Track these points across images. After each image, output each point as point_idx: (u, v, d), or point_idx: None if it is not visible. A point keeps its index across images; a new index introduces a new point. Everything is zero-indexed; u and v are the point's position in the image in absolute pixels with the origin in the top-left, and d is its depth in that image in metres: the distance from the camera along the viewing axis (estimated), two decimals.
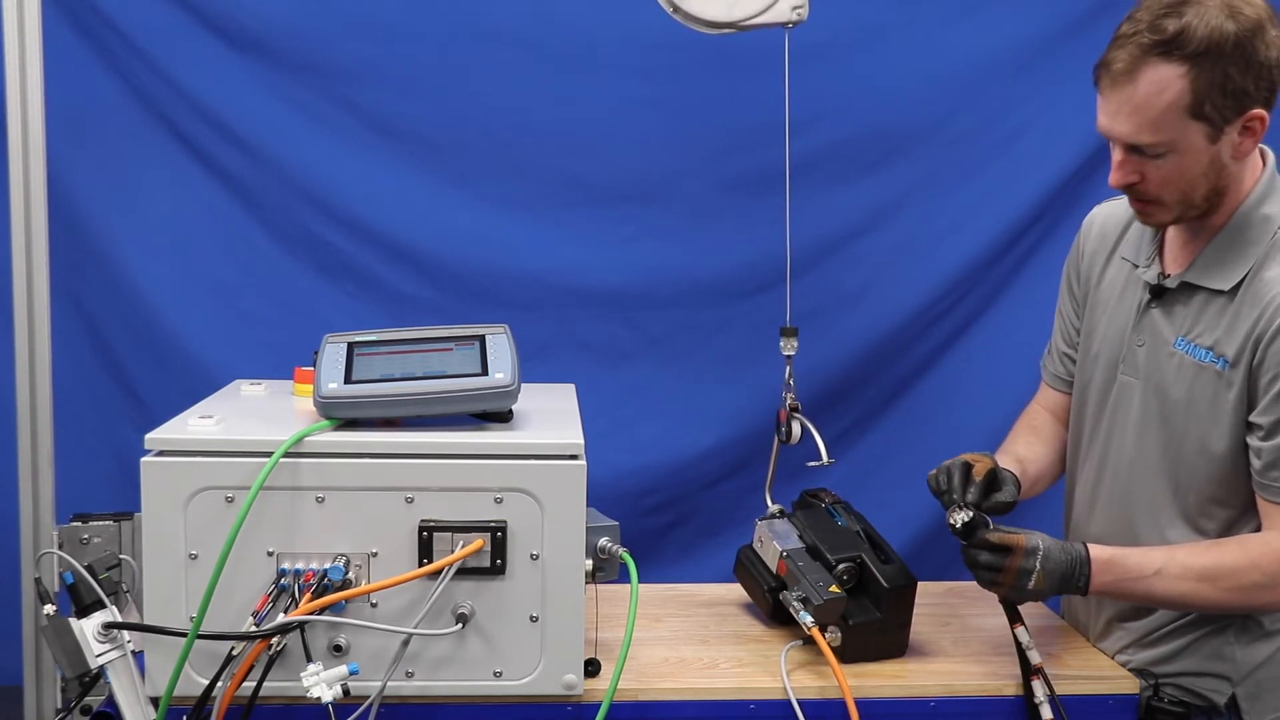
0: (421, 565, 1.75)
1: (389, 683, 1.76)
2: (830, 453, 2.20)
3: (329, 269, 2.80)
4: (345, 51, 2.74)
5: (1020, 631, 1.88)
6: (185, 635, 1.68)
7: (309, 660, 1.69)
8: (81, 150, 2.68)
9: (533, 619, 1.79)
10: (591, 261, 2.84)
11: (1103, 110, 1.80)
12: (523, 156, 2.80)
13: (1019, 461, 2.08)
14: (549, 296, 2.83)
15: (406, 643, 1.76)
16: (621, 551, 1.87)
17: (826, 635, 1.92)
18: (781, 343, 2.27)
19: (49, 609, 1.71)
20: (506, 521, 1.76)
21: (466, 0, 2.75)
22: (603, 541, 1.87)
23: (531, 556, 1.78)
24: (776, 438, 2.27)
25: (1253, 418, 1.80)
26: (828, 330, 2.82)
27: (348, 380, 1.83)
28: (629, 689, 1.86)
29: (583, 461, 1.78)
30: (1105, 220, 2.08)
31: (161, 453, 1.75)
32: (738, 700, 1.88)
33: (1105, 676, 1.96)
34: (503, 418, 1.88)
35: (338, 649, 1.75)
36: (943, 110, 2.85)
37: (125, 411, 2.77)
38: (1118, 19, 1.79)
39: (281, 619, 1.69)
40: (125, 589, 1.86)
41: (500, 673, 1.80)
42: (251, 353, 2.72)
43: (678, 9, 2.20)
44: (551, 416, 1.95)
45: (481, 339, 1.92)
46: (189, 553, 1.74)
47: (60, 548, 1.86)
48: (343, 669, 1.68)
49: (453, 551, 1.74)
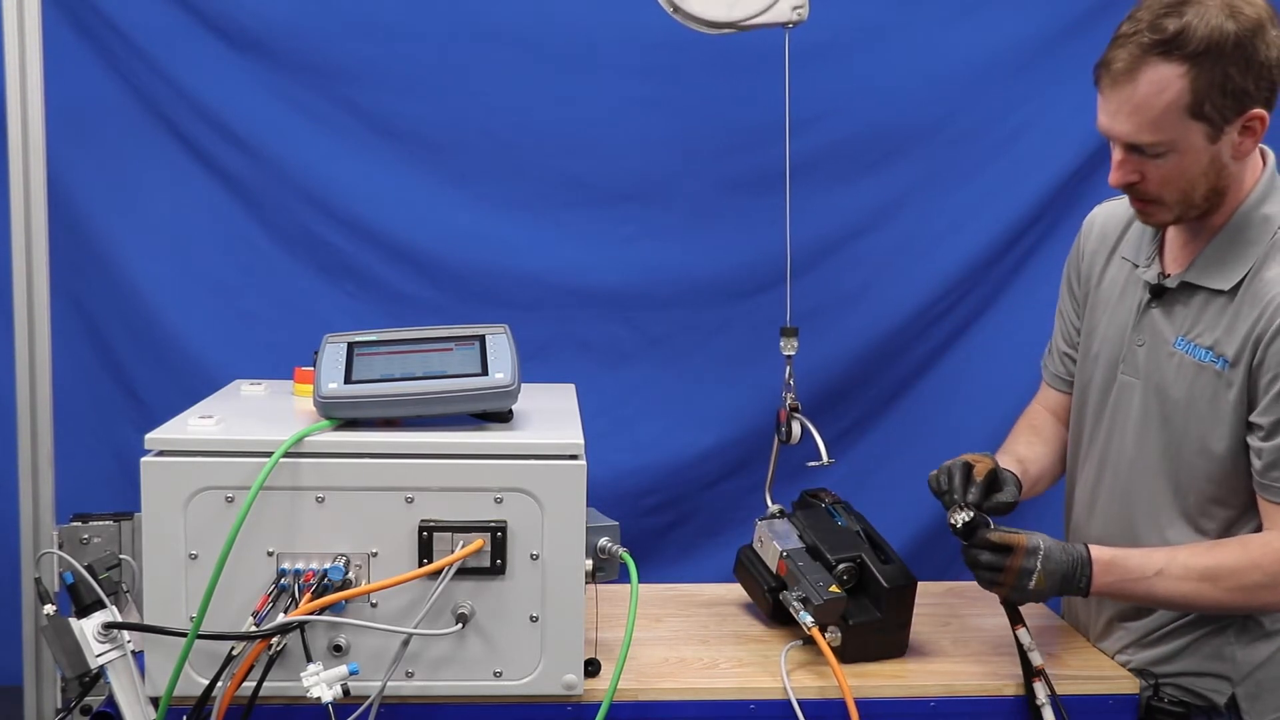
0: (421, 565, 1.75)
1: (389, 683, 1.75)
2: (830, 453, 2.20)
3: (329, 269, 2.80)
4: (345, 51, 2.74)
5: (1022, 633, 1.88)
6: (185, 635, 1.68)
7: (309, 660, 1.69)
8: (81, 150, 2.68)
9: (533, 619, 1.79)
10: (591, 261, 2.84)
11: (1103, 110, 1.80)
12: (523, 156, 2.80)
13: (1020, 461, 2.08)
14: (549, 296, 2.83)
15: (406, 643, 1.76)
16: (621, 551, 1.87)
17: (826, 635, 1.92)
18: (781, 343, 2.27)
19: (49, 609, 1.71)
20: (506, 521, 1.76)
21: (466, 0, 2.75)
22: (603, 541, 1.87)
23: (531, 556, 1.78)
24: (776, 438, 2.27)
25: (1253, 418, 1.80)
26: (828, 330, 2.82)
27: (348, 380, 1.83)
28: (629, 689, 1.86)
29: (583, 461, 1.78)
30: (1105, 220, 2.08)
31: (161, 453, 1.75)
32: (738, 700, 1.88)
33: (1105, 676, 1.96)
34: (503, 418, 1.88)
35: (338, 649, 1.75)
36: (943, 110, 2.85)
37: (125, 411, 2.77)
38: (1118, 19, 1.79)
39: (281, 619, 1.69)
40: (125, 589, 1.86)
41: (500, 673, 1.80)
42: (251, 353, 2.72)
43: (678, 9, 2.20)
44: (551, 416, 1.95)
45: (481, 339, 1.92)
46: (189, 553, 1.74)
47: (60, 548, 1.86)
48: (343, 669, 1.68)
49: (453, 551, 1.74)
